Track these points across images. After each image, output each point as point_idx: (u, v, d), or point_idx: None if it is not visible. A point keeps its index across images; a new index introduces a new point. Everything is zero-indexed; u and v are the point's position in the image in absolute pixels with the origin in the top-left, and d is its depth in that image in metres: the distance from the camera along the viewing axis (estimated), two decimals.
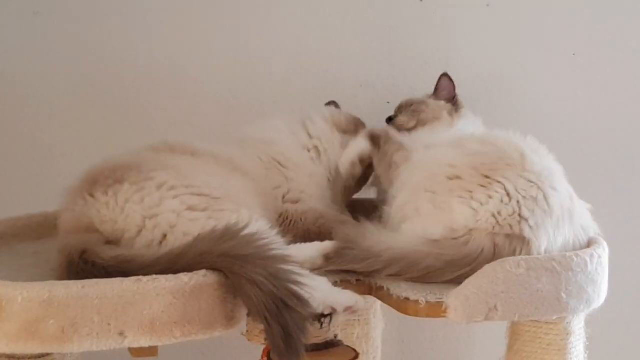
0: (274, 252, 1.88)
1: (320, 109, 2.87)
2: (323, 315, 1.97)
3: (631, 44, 3.19)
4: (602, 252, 2.16)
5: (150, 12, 3.12)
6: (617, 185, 3.25)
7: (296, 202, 2.57)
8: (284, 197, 2.57)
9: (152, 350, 1.94)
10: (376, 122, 2.96)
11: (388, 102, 3.06)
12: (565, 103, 3.21)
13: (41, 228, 2.51)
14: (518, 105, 3.19)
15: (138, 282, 1.76)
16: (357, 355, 2.12)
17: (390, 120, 2.82)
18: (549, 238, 2.12)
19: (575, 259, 2.05)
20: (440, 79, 2.81)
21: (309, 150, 2.73)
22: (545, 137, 2.91)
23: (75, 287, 1.72)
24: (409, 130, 2.73)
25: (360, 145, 2.61)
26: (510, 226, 2.10)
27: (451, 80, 2.81)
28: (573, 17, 3.17)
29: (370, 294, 2.16)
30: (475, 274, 1.95)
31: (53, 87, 3.13)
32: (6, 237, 2.43)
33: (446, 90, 2.80)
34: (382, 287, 2.08)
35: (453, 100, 2.79)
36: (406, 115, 2.79)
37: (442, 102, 2.79)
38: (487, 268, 1.95)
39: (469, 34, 3.18)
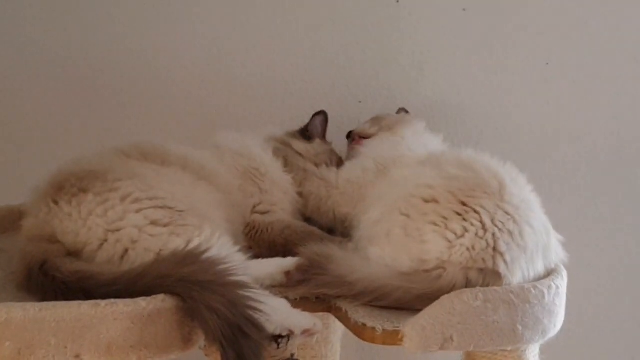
0: (233, 278, 1.88)
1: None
2: (280, 336, 1.97)
3: (605, 51, 3.20)
4: (561, 282, 2.16)
5: (137, 13, 3.13)
6: (586, 194, 3.26)
7: (265, 213, 2.57)
8: (254, 207, 2.58)
9: None
10: (348, 120, 3.05)
11: (360, 102, 3.03)
12: (537, 111, 3.21)
13: (5, 221, 2.51)
14: (489, 111, 3.18)
15: (96, 306, 1.75)
16: None
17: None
18: (522, 274, 2.11)
19: (533, 291, 2.05)
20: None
21: (285, 167, 2.73)
22: (516, 144, 2.94)
23: (33, 309, 1.71)
24: (373, 135, 2.80)
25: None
26: (484, 260, 2.08)
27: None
28: (547, 26, 3.16)
29: (329, 312, 2.16)
30: (433, 304, 1.95)
31: (18, 84, 3.13)
32: None
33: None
34: (341, 309, 2.08)
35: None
36: (370, 123, 2.90)
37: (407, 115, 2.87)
38: (445, 299, 1.95)
39: (443, 37, 3.17)
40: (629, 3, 3.16)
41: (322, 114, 2.83)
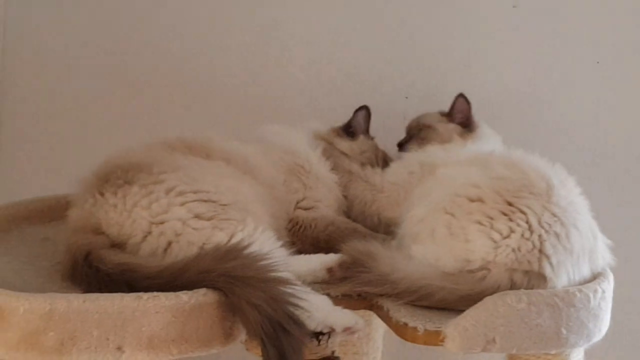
0: (274, 274, 1.88)
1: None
2: (321, 333, 1.96)
3: None
4: (607, 286, 2.12)
5: (170, 6, 3.13)
6: (636, 196, 3.20)
7: (309, 208, 2.55)
8: (298, 202, 2.56)
9: None
10: (394, 115, 3.01)
11: (406, 97, 3.01)
12: (587, 110, 3.15)
13: (52, 211, 2.52)
14: (538, 109, 3.14)
15: (138, 299, 1.76)
16: None
17: (400, 146, 2.78)
18: (568, 277, 2.09)
19: (579, 294, 2.02)
20: (455, 100, 2.74)
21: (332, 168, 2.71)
22: (564, 144, 2.89)
23: (76, 301, 1.72)
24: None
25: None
26: (529, 262, 2.05)
27: (467, 101, 2.73)
28: (598, 24, 3.11)
29: (370, 310, 2.15)
30: (476, 305, 1.93)
31: (67, 74, 3.15)
32: (18, 219, 2.45)
33: (461, 114, 2.74)
34: (383, 307, 2.07)
35: (467, 122, 2.72)
36: (416, 143, 2.76)
37: (452, 125, 2.73)
38: (488, 300, 1.93)
39: (492, 33, 3.13)
40: None
41: (365, 109, 2.80)
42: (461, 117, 2.71)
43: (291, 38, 3.14)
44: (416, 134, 2.78)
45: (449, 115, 2.75)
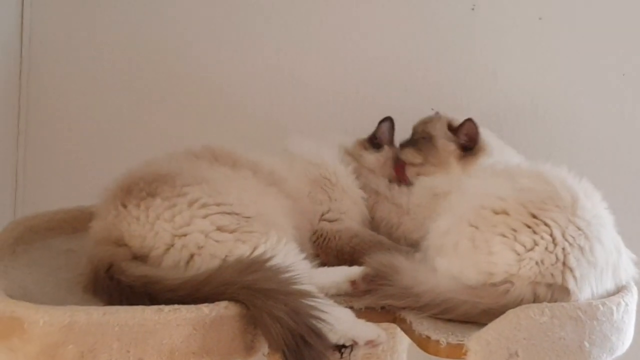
0: (296, 286, 1.88)
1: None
2: (344, 346, 1.95)
3: None
4: (630, 299, 2.11)
5: (183, 19, 3.15)
6: None
7: (334, 221, 2.54)
8: (322, 214, 2.55)
9: None
10: None
11: (432, 109, 3.01)
12: (612, 121, 3.13)
13: (77, 222, 2.52)
14: (563, 119, 3.13)
15: (159, 311, 1.76)
16: None
17: (402, 145, 2.77)
18: (591, 290, 2.06)
19: (602, 307, 2.00)
20: (464, 123, 2.64)
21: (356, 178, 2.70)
22: (589, 155, 2.87)
23: (96, 313, 1.73)
24: (417, 165, 2.68)
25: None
26: (553, 275, 2.03)
27: (475, 125, 2.61)
28: (623, 36, 3.09)
29: (393, 322, 2.14)
30: (498, 318, 1.91)
31: (91, 87, 3.15)
32: (42, 231, 2.45)
33: (467, 137, 2.63)
34: (406, 320, 2.06)
35: (472, 145, 2.65)
36: (413, 150, 2.72)
37: (453, 147, 2.64)
38: (510, 313, 1.91)
39: (518, 44, 3.12)
40: None
41: (388, 120, 2.80)
42: (466, 140, 2.64)
43: (317, 51, 3.14)
44: (416, 140, 2.74)
45: (455, 131, 2.69)
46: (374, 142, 2.78)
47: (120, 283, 1.91)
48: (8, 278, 2.02)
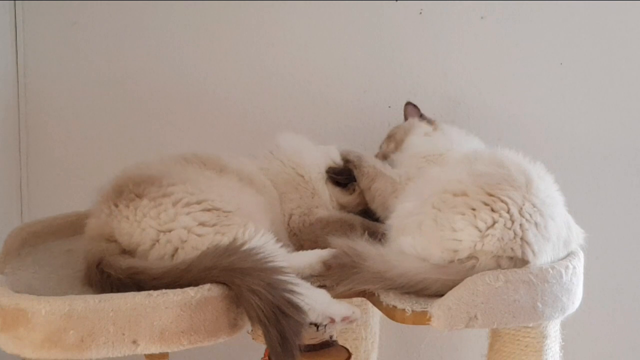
0: (270, 264, 1.95)
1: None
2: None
3: (619, 50, 3.19)
4: (578, 263, 2.17)
5: (175, 28, 3.19)
6: (601, 189, 3.27)
7: (307, 215, 2.59)
8: (298, 208, 2.60)
9: (164, 356, 2.15)
10: (379, 124, 3.11)
11: (389, 107, 3.08)
12: (554, 110, 3.22)
13: (74, 225, 2.58)
14: (509, 111, 3.21)
15: (149, 296, 1.83)
16: (349, 355, 2.20)
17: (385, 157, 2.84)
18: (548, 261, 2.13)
19: (551, 271, 2.07)
20: (405, 108, 2.89)
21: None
22: (535, 142, 2.95)
23: (93, 301, 1.80)
24: (393, 152, 2.76)
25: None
26: (513, 249, 2.08)
27: (414, 106, 2.86)
28: (558, 29, 3.17)
29: (363, 297, 2.19)
30: (457, 286, 1.98)
31: (91, 96, 3.21)
32: (44, 235, 2.53)
33: (411, 115, 2.85)
34: (374, 294, 2.11)
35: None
36: (386, 142, 2.84)
37: (411, 119, 2.82)
38: (468, 281, 1.98)
39: (464, 44, 3.19)
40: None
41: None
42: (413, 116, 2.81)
43: (279, 55, 3.20)
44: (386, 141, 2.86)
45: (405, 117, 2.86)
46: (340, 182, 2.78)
47: (110, 276, 1.98)
48: (15, 277, 2.10)
